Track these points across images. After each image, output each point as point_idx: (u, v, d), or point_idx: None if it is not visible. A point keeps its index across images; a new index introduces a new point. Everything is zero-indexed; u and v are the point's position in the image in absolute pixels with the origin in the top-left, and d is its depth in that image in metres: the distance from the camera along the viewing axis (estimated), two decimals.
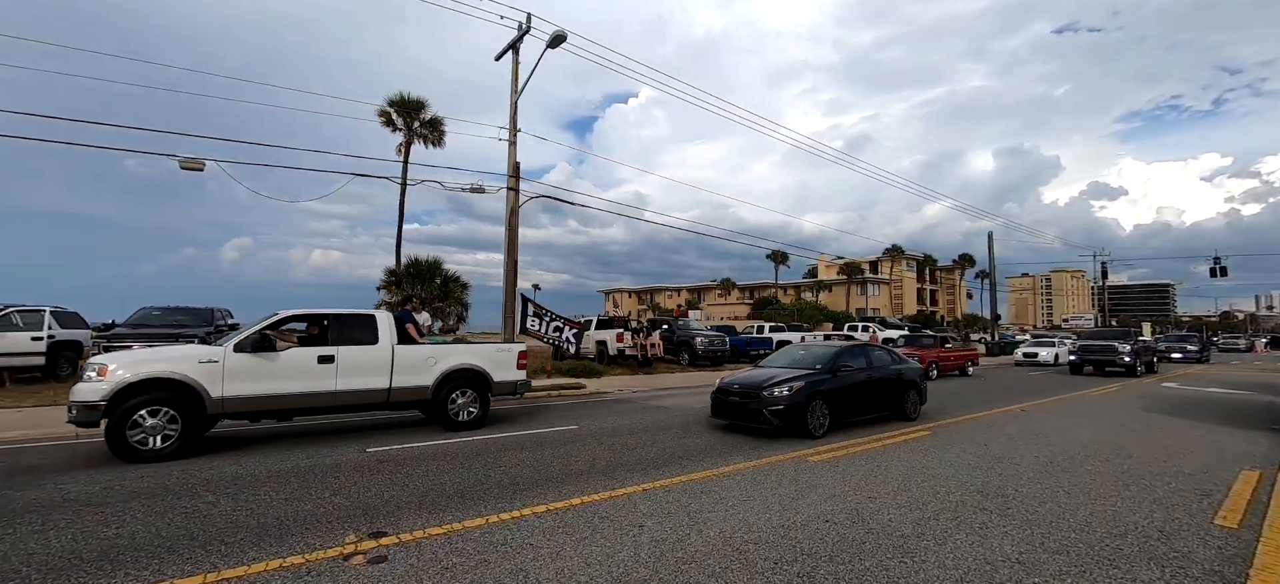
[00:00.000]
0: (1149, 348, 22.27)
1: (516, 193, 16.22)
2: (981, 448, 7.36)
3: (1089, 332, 26.60)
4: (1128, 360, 19.85)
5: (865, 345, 10.07)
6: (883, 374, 9.34)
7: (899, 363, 9.98)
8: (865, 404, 8.93)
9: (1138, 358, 20.09)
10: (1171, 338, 35.03)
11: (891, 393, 9.34)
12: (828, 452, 7.08)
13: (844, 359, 8.95)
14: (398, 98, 21.53)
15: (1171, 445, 7.68)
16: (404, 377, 8.06)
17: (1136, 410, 11.18)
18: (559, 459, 6.62)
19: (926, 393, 10.20)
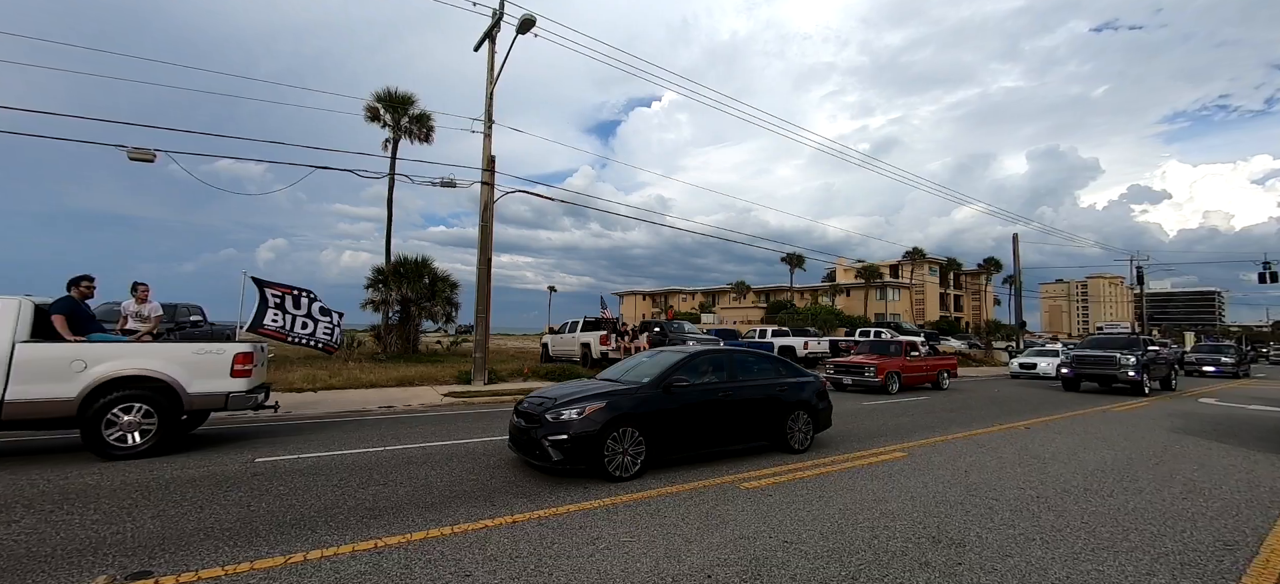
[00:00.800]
0: (1163, 359, 17.87)
1: (491, 187, 15.51)
2: (938, 481, 6.23)
3: (1090, 338, 20.47)
4: (1132, 375, 15.89)
5: (732, 352, 7.77)
6: (750, 392, 7.04)
7: (786, 376, 7.66)
8: (720, 431, 6.66)
9: (1146, 371, 16.23)
10: (1203, 348, 30.05)
11: (765, 416, 7.07)
12: (636, 496, 5.20)
13: (682, 372, 6.61)
14: (385, 93, 21.11)
15: (1194, 477, 6.41)
16: (28, 385, 6.00)
17: (1161, 431, 9.78)
18: (278, 501, 4.88)
19: (828, 416, 7.88)
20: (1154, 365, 17.04)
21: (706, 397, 6.66)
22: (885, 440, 8.29)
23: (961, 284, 73.70)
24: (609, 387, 6.42)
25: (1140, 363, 16.02)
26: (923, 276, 65.31)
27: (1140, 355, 16.30)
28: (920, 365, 17.14)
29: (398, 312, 22.73)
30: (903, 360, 16.70)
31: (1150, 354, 16.93)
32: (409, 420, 9.65)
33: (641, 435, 5.95)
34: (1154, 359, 17.18)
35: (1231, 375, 25.08)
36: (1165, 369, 17.81)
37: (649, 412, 6.08)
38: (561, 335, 21.78)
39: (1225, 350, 27.26)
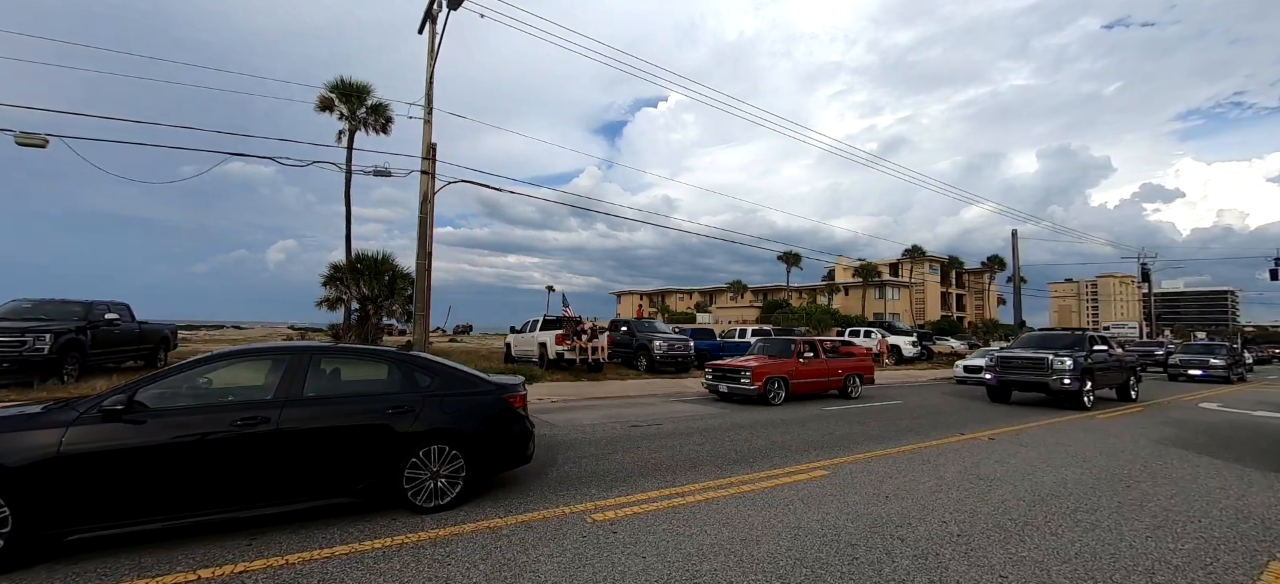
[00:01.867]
0: (1116, 364, 14.06)
1: (432, 177, 14.52)
2: (842, 512, 5.12)
3: (1025, 336, 16.37)
4: (1068, 383, 12.17)
5: (304, 352, 4.79)
6: (329, 419, 4.45)
7: (417, 389, 4.92)
8: (244, 483, 4.11)
9: (1088, 378, 12.39)
10: (1192, 349, 25.87)
11: (353, 456, 4.45)
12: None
13: (163, 385, 4.20)
14: (339, 83, 20.20)
15: (1169, 506, 5.26)
16: None
17: (1145, 443, 8.59)
18: None
19: (519, 448, 5.23)
20: (1102, 371, 13.18)
21: (213, 426, 4.05)
22: (702, 473, 5.90)
23: (964, 283, 72.02)
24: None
25: (1079, 368, 12.19)
26: (923, 275, 63.76)
27: (1081, 357, 12.52)
28: (817, 370, 13.66)
29: (357, 310, 21.86)
30: (793, 364, 13.20)
31: (1097, 356, 13.04)
32: None
33: (50, 498, 3.52)
34: (1103, 363, 13.30)
35: (1222, 380, 21.61)
36: (1120, 375, 14.25)
37: (73, 454, 3.63)
38: (522, 335, 20.77)
39: (1216, 351, 23.47)
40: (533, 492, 5.27)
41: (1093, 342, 13.54)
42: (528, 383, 15.56)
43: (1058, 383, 12.23)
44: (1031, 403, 13.55)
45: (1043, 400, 13.70)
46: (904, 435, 8.66)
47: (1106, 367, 13.51)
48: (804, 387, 13.38)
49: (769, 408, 11.86)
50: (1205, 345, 26.79)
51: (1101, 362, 13.22)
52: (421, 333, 14.30)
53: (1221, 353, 22.97)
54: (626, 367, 19.55)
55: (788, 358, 13.51)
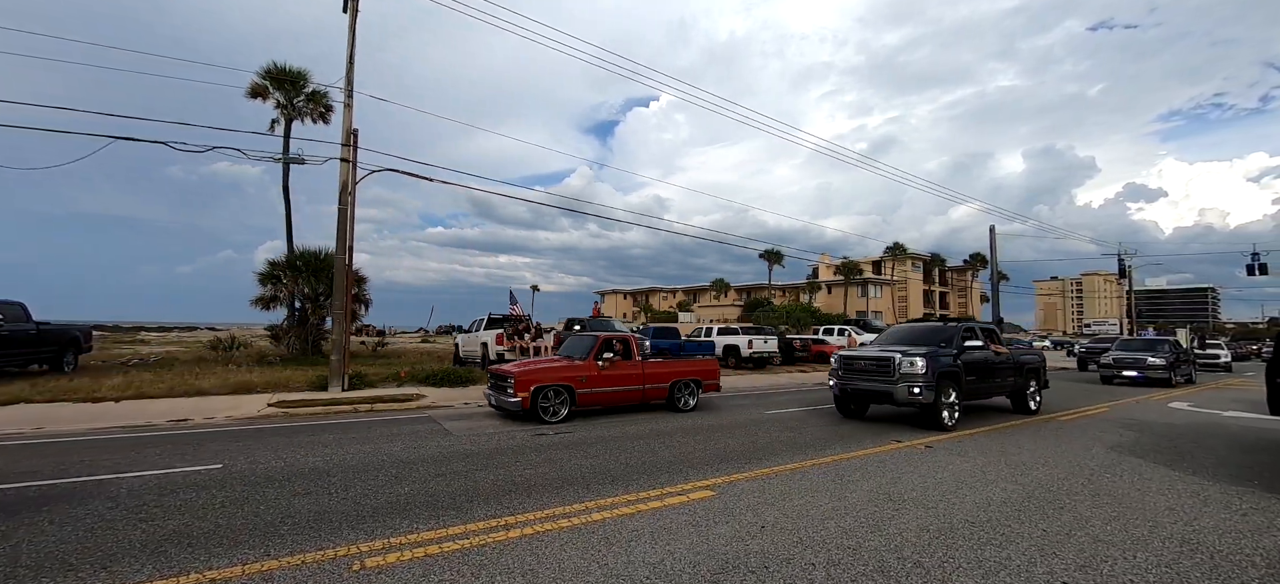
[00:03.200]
0: (1000, 364, 10.59)
1: (352, 165, 13.44)
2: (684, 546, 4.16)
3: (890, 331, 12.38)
4: (917, 393, 8.86)
5: None
6: None
7: None
8: None
9: (946, 388, 9.09)
10: (1128, 346, 21.05)
11: None
12: None
13: None
14: (273, 69, 19.03)
15: (1103, 533, 4.35)
16: None
17: (1099, 449, 7.73)
18: None
19: None
20: (979, 376, 9.88)
21: None
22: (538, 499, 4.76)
23: (948, 281, 71.68)
24: None
25: (936, 372, 8.90)
26: (905, 273, 63.26)
27: (943, 358, 9.28)
28: (622, 377, 10.22)
29: (300, 309, 20.72)
30: (584, 368, 9.85)
31: (972, 355, 9.84)
32: (178, 439, 7.56)
33: None
34: (982, 364, 10.01)
35: (1161, 382, 18.12)
36: (1012, 380, 10.82)
37: None
38: (469, 334, 19.71)
39: (1157, 348, 19.78)
40: (306, 526, 4.27)
41: (967, 335, 10.23)
42: (456, 386, 14.65)
43: (905, 392, 8.87)
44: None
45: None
46: (804, 449, 7.73)
47: (987, 369, 10.17)
48: (600, 398, 10.03)
49: (540, 426, 8.78)
50: (1146, 341, 22.23)
51: (978, 362, 9.94)
52: (339, 333, 13.22)
53: (1162, 350, 19.44)
54: None
55: (584, 359, 10.16)
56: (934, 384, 8.87)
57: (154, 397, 11.52)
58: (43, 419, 9.05)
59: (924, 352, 9.27)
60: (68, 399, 10.83)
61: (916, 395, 8.86)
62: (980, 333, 10.67)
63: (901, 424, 9.45)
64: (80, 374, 14.16)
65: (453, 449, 7.09)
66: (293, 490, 5.20)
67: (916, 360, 9.00)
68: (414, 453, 6.87)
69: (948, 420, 9.06)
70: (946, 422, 9.02)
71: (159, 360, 19.81)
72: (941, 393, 9.00)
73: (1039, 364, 11.59)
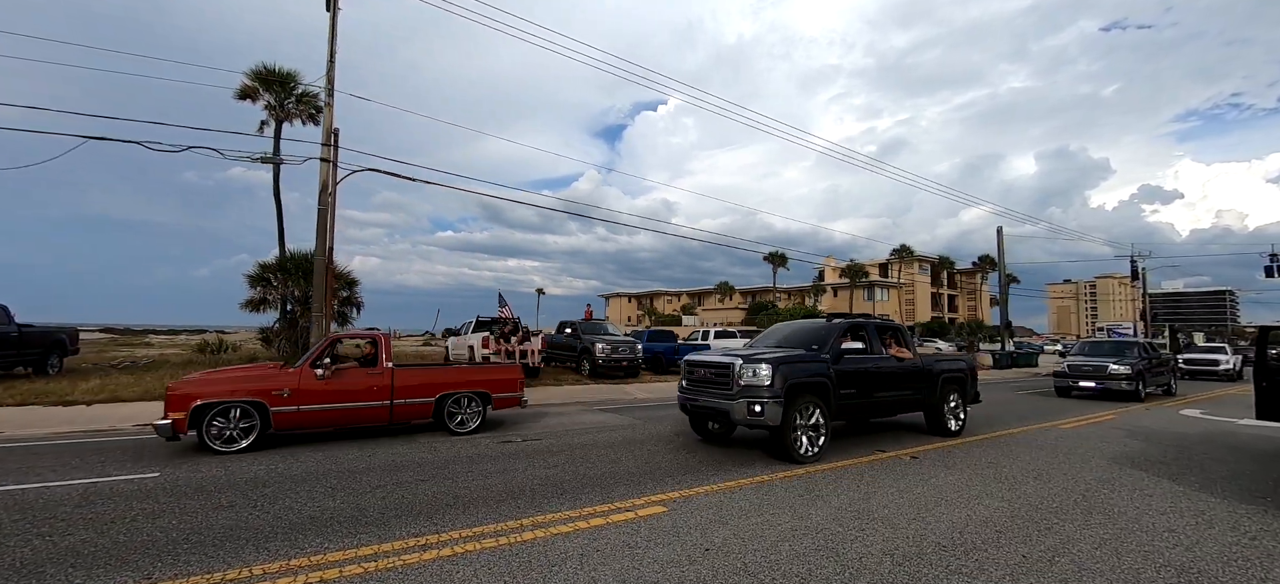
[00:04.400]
0: (909, 372, 8.36)
1: (333, 165, 13.19)
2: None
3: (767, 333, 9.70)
4: (757, 412, 6.63)
5: None
6: None
7: None
8: None
9: (804, 405, 6.91)
10: (1101, 349, 16.95)
11: None
12: None
13: None
14: (263, 70, 18.86)
15: (1089, 559, 3.89)
16: None
17: (1099, 462, 7.22)
18: None
19: None
20: (857, 390, 7.52)
21: None
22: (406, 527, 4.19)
23: (956, 284, 70.56)
24: None
25: (788, 384, 6.70)
26: (912, 276, 62.31)
27: (800, 369, 6.95)
28: (354, 389, 7.80)
29: (290, 312, 20.56)
30: (293, 378, 7.50)
31: (847, 364, 7.47)
32: (133, 445, 7.28)
33: None
34: (866, 371, 7.70)
35: (1126, 396, 14.63)
36: (913, 394, 8.34)
37: None
38: (459, 337, 19.42)
39: (1124, 353, 15.91)
40: (209, 544, 3.92)
41: (846, 334, 7.85)
42: None
43: (743, 411, 6.63)
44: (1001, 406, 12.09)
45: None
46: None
47: (877, 380, 7.82)
48: (315, 418, 7.55)
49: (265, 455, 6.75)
50: (1117, 343, 18.04)
51: (861, 372, 7.59)
52: (318, 336, 12.95)
53: (1130, 356, 15.45)
54: (577, 371, 18.16)
55: (292, 369, 7.73)
56: (784, 399, 6.58)
57: (127, 400, 11.32)
58: (4, 422, 8.84)
59: (776, 357, 6.88)
60: (39, 402, 10.64)
61: (758, 415, 6.53)
62: (873, 333, 8.33)
63: (892, 431, 8.97)
64: (61, 377, 14.02)
65: (409, 458, 6.74)
66: (216, 503, 4.86)
67: (760, 368, 6.66)
68: (366, 461, 6.53)
69: (805, 449, 6.76)
70: (803, 450, 6.73)
71: (149, 364, 19.73)
72: (798, 411, 6.77)
73: (963, 373, 9.23)
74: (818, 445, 6.94)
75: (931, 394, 8.60)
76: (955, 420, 8.91)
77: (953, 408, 8.92)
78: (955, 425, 8.86)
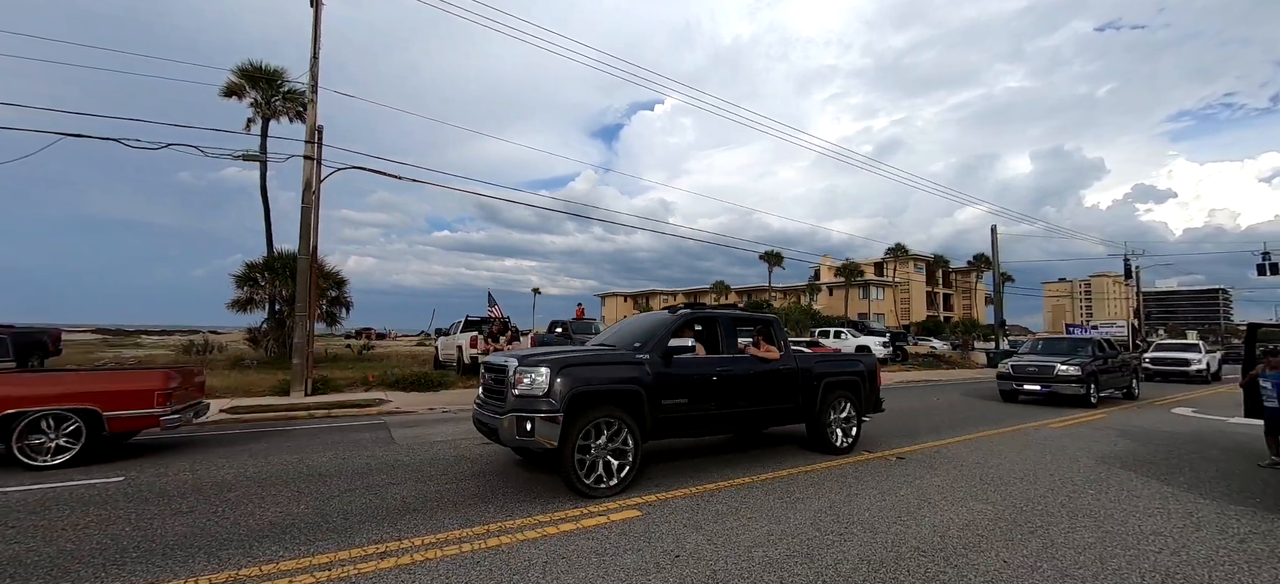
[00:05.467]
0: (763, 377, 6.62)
1: (317, 163, 13.01)
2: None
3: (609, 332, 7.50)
4: (530, 430, 4.92)
5: None
6: None
7: None
8: None
9: (548, 428, 4.90)
10: (1057, 348, 15.01)
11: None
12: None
13: None
14: (249, 67, 18.66)
15: (1073, 565, 3.77)
16: None
17: (1087, 461, 7.11)
18: None
19: None
20: (679, 400, 5.82)
21: None
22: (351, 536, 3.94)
23: (951, 282, 70.65)
24: None
25: (572, 393, 5.06)
26: (908, 275, 62.35)
27: (600, 375, 5.41)
28: None
29: (278, 311, 20.37)
30: None
31: (675, 368, 5.85)
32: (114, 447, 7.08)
33: None
34: (715, 377, 6.11)
35: (1077, 401, 13.02)
36: (775, 404, 6.75)
37: None
38: (448, 337, 19.25)
39: (1076, 351, 14.20)
40: (157, 553, 3.76)
41: (680, 329, 6.14)
42: (426, 390, 14.11)
43: (511, 430, 5.02)
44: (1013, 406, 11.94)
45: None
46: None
47: (718, 386, 6.08)
48: None
49: None
50: (1074, 340, 15.99)
51: (694, 377, 5.96)
52: (302, 336, 12.77)
53: (1080, 356, 13.74)
54: None
55: None
56: (564, 413, 4.92)
57: None
58: None
59: (560, 357, 5.32)
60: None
61: (528, 436, 4.89)
62: (726, 327, 6.61)
63: (882, 429, 8.84)
64: None
65: (384, 460, 6.58)
66: (175, 509, 4.70)
67: (537, 372, 5.05)
68: (340, 464, 6.37)
69: (603, 479, 5.13)
70: (598, 480, 5.10)
71: (133, 365, 19.49)
72: (591, 428, 5.11)
73: (855, 377, 7.56)
74: (624, 473, 5.24)
75: (811, 403, 7.04)
76: (844, 435, 7.29)
77: (842, 419, 7.30)
78: (843, 440, 7.24)
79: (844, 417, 7.35)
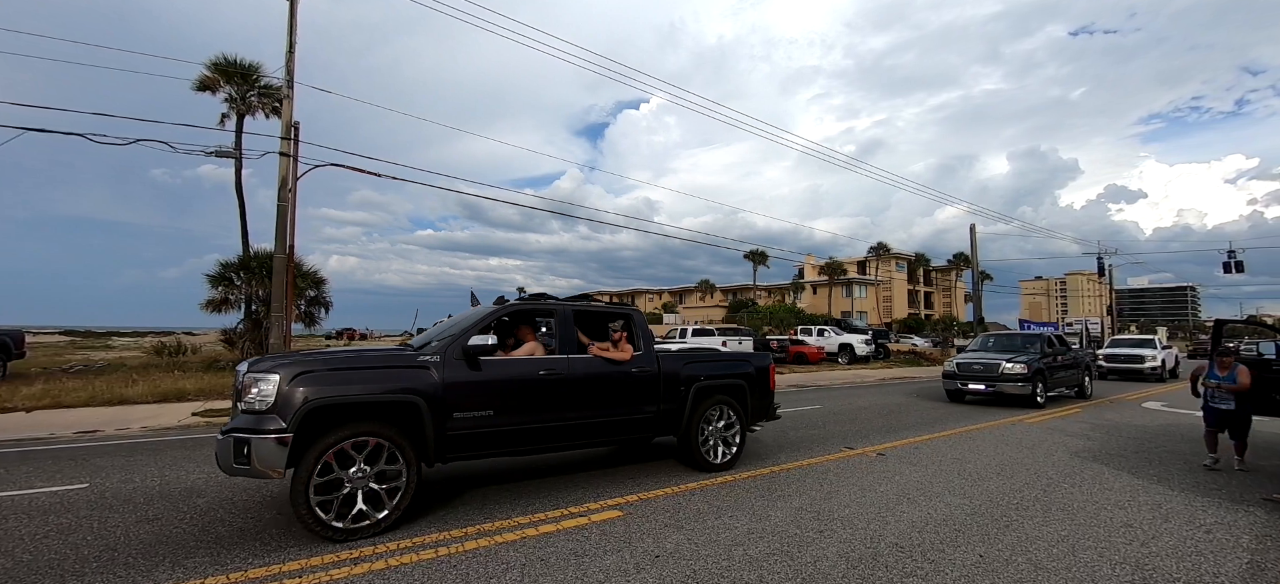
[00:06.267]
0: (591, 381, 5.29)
1: (293, 160, 12.73)
2: None
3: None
4: (248, 455, 3.81)
5: None
6: None
7: None
8: None
9: (269, 457, 3.82)
10: (1012, 344, 14.01)
11: None
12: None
13: None
14: (223, 61, 18.19)
15: (1046, 558, 3.82)
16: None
17: (1061, 455, 7.25)
18: None
19: None
20: (474, 414, 4.60)
21: None
22: None
23: (932, 280, 71.82)
24: None
25: (299, 410, 3.92)
26: (890, 273, 63.22)
27: (334, 378, 4.17)
28: None
29: (255, 311, 19.92)
30: None
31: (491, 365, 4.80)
32: (71, 453, 6.84)
33: None
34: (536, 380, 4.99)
35: (1024, 401, 12.09)
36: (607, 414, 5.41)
37: None
38: None
39: (1024, 349, 13.27)
40: (118, 564, 3.63)
41: (486, 325, 4.95)
42: None
43: (227, 457, 3.93)
44: (976, 404, 12.13)
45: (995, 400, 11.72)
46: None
47: (539, 388, 5.00)
48: None
49: None
50: (1024, 336, 15.30)
51: (507, 380, 4.87)
52: (278, 336, 12.50)
53: (1028, 354, 12.78)
54: None
55: None
56: (293, 434, 3.90)
57: (70, 406, 10.76)
58: None
59: (296, 363, 4.19)
60: None
61: (244, 462, 3.86)
62: (564, 322, 5.42)
63: (867, 428, 8.92)
64: (2, 383, 13.32)
65: None
66: (142, 516, 4.55)
67: (265, 381, 4.03)
68: None
69: (355, 517, 4.02)
70: (360, 518, 4.03)
71: (104, 366, 18.94)
72: (333, 451, 3.97)
73: (739, 381, 6.41)
74: (393, 502, 4.15)
75: (677, 411, 5.86)
76: (722, 448, 6.17)
77: (720, 430, 6.16)
78: (721, 455, 6.13)
79: (722, 427, 6.19)
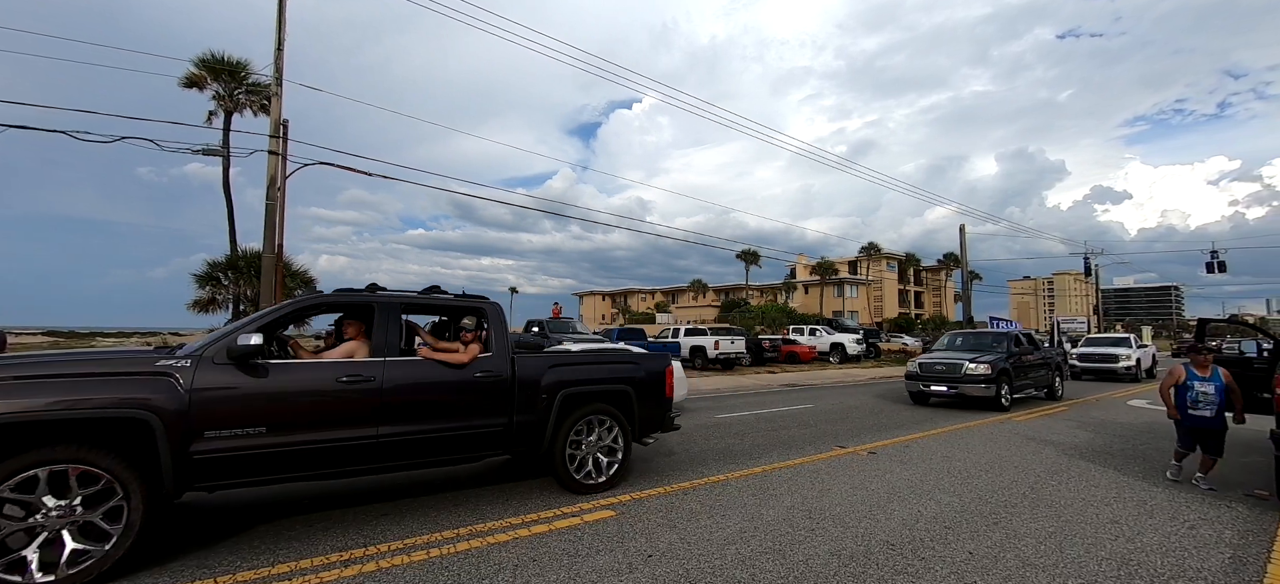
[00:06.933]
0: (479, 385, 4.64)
1: (282, 158, 12.60)
2: None
3: None
4: None
5: None
6: None
7: None
8: None
9: None
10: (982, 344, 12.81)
11: None
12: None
13: None
14: (211, 58, 17.98)
15: (1033, 554, 3.87)
16: None
17: (1052, 451, 7.34)
18: None
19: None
20: (194, 431, 3.54)
21: None
22: None
23: (922, 280, 72.42)
24: None
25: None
26: (880, 273, 63.68)
27: (25, 387, 3.18)
28: None
29: (243, 312, 19.72)
30: None
31: (277, 372, 3.89)
32: None
33: None
34: (328, 391, 4.03)
35: (987, 403, 11.32)
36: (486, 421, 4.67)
37: None
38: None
39: (990, 348, 12.32)
40: None
41: (271, 323, 4.16)
42: None
43: None
44: (950, 404, 12.26)
45: (959, 402, 11.47)
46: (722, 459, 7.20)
47: (305, 400, 3.96)
48: None
49: None
50: (992, 334, 14.07)
51: (271, 392, 3.83)
52: None
53: (993, 353, 11.89)
54: None
55: None
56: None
57: None
58: None
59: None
60: None
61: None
62: (379, 315, 4.48)
63: (853, 427, 8.98)
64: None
65: None
66: None
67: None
68: None
69: (62, 566, 3.11)
70: (56, 570, 3.10)
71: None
72: (16, 482, 3.08)
73: (621, 384, 5.48)
74: (108, 546, 3.25)
75: (538, 423, 4.92)
76: (606, 463, 5.27)
77: (597, 445, 5.23)
78: (597, 474, 5.20)
79: (600, 442, 5.26)
